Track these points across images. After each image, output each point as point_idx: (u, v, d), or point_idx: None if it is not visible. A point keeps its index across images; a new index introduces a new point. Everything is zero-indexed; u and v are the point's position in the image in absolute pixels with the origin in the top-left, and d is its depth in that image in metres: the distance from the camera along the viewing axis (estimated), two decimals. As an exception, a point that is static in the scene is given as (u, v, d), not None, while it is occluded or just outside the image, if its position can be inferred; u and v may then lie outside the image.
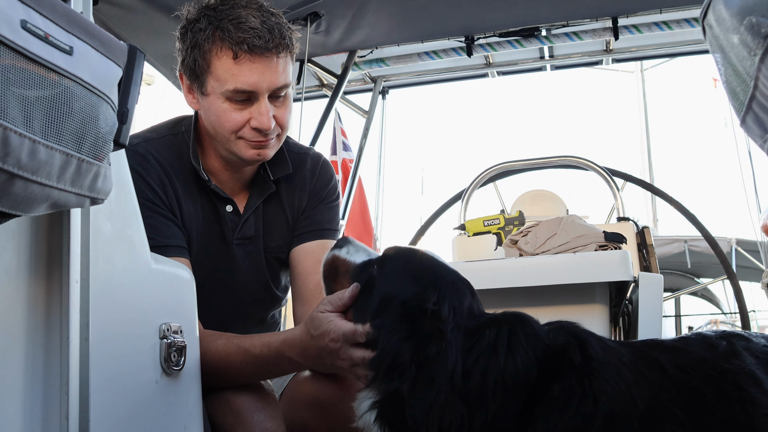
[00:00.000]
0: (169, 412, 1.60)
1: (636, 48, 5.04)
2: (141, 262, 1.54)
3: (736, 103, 0.91)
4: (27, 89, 0.95)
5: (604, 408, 1.30)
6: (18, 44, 0.94)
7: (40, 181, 0.99)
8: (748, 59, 0.80)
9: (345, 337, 1.54)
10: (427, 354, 1.36)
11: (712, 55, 0.95)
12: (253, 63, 1.91)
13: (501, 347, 1.36)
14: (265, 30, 1.90)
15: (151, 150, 2.03)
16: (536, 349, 1.38)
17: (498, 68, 5.22)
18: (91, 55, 1.09)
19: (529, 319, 1.46)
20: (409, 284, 1.50)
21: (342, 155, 5.49)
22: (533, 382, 1.34)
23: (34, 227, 1.22)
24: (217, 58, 1.93)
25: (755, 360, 1.39)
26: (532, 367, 1.35)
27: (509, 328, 1.40)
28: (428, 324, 1.40)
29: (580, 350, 1.38)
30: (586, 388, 1.32)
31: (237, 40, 1.89)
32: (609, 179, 3.86)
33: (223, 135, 2.00)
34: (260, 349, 1.80)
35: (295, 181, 2.25)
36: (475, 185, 4.01)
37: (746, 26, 0.78)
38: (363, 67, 5.00)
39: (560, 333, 1.44)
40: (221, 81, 1.93)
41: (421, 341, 1.38)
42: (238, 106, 1.95)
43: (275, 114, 1.99)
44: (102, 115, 1.10)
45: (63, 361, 1.23)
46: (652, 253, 3.27)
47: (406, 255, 1.61)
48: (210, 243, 2.12)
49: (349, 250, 1.70)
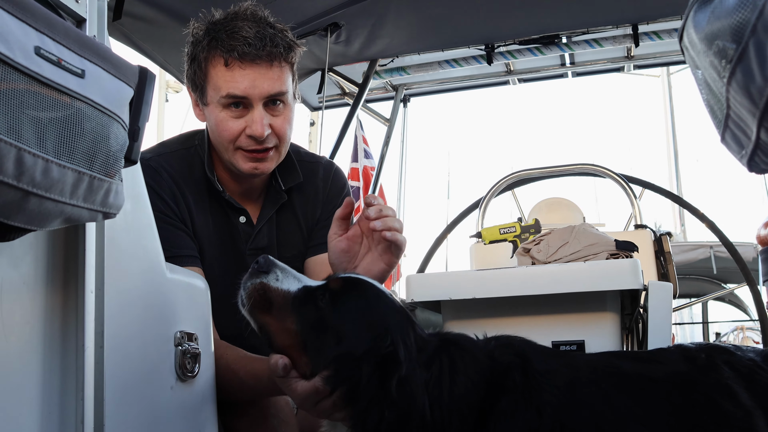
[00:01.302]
0: (184, 418, 1.64)
1: (659, 54, 5.03)
2: (156, 271, 1.59)
3: (715, 121, 0.94)
4: (40, 112, 1.01)
5: (549, 417, 1.35)
6: (32, 70, 0.99)
7: (53, 197, 1.04)
8: (719, 81, 0.83)
9: (308, 400, 1.46)
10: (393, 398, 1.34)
11: (692, 74, 0.98)
12: (244, 70, 1.97)
13: (444, 378, 1.39)
14: (258, 38, 1.97)
15: (163, 164, 2.09)
16: (479, 371, 1.41)
17: (519, 75, 5.24)
18: (103, 77, 1.15)
19: (465, 342, 1.49)
20: (364, 330, 1.44)
21: (363, 163, 5.54)
22: (482, 398, 1.38)
23: (51, 240, 1.27)
24: (212, 67, 2.00)
25: (735, 374, 1.42)
26: (477, 387, 1.39)
27: (449, 359, 1.42)
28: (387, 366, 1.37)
29: (522, 369, 1.42)
30: (529, 401, 1.37)
31: (228, 47, 1.96)
32: (626, 186, 3.86)
33: (223, 145, 2.06)
34: (252, 381, 1.80)
35: (308, 190, 2.28)
36: (492, 193, 4.03)
37: (714, 51, 0.81)
38: (384, 75, 5.05)
39: (505, 352, 1.47)
40: (216, 89, 2.00)
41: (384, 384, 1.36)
42: (234, 113, 2.01)
43: (272, 123, 2.03)
44: (113, 134, 1.15)
45: (78, 368, 1.28)
46: (670, 260, 3.27)
47: (355, 293, 1.52)
48: (223, 254, 2.16)
49: (279, 276, 1.54)
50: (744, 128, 0.85)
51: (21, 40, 0.99)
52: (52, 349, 1.26)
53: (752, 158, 0.87)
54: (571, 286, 2.13)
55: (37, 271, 1.24)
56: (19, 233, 1.08)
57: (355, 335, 1.42)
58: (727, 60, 0.79)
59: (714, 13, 0.81)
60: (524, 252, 2.51)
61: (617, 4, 4.07)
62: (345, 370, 1.39)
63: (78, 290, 1.30)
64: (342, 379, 1.39)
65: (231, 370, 1.84)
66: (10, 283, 1.19)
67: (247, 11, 2.03)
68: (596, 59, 5.08)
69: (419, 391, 1.36)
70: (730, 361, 1.45)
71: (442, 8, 3.98)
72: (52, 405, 1.25)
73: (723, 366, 1.44)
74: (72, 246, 1.31)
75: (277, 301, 1.50)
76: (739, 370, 1.43)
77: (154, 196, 1.94)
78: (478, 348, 1.48)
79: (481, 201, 4.07)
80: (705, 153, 25.50)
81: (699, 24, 0.85)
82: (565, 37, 4.50)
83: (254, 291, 1.52)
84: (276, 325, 1.49)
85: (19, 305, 1.20)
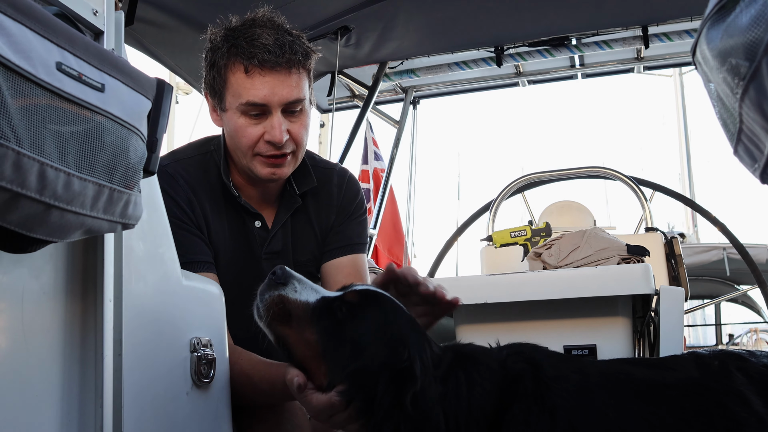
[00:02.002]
0: (199, 423, 1.66)
1: (669, 55, 5.02)
2: (172, 279, 1.61)
3: (728, 134, 0.94)
4: (62, 126, 1.03)
5: (562, 421, 1.37)
6: (53, 85, 1.01)
7: (74, 210, 1.06)
8: (731, 97, 0.84)
9: (323, 412, 1.46)
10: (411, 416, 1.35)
11: (705, 87, 0.99)
12: (264, 77, 1.99)
13: (461, 392, 1.40)
14: (277, 46, 1.98)
15: (179, 170, 2.11)
16: (493, 381, 1.43)
17: (528, 77, 5.24)
18: (122, 91, 1.17)
19: (480, 354, 1.51)
20: (379, 339, 1.44)
21: (373, 165, 5.55)
22: (495, 407, 1.40)
23: (71, 250, 1.29)
24: (232, 74, 2.02)
25: (748, 380, 1.42)
26: (491, 397, 1.40)
27: (464, 372, 1.44)
28: (403, 383, 1.38)
29: (533, 376, 1.43)
30: (542, 406, 1.39)
31: (248, 55, 1.97)
32: (636, 189, 3.86)
33: (241, 151, 2.07)
34: (267, 386, 1.81)
35: (322, 196, 2.29)
36: (502, 196, 4.04)
37: (727, 68, 0.82)
38: (394, 77, 5.07)
39: (517, 360, 1.48)
40: (236, 96, 2.02)
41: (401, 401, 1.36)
42: (253, 120, 2.03)
43: (289, 129, 2.05)
44: (132, 147, 1.17)
45: (97, 375, 1.31)
46: (681, 263, 3.27)
47: (374, 307, 1.51)
48: (238, 258, 2.17)
49: (297, 288, 1.52)
50: (757, 143, 0.86)
51: (43, 56, 1.01)
52: (71, 357, 1.28)
53: (765, 171, 0.88)
54: (583, 291, 2.14)
55: (56, 281, 1.26)
56: (40, 245, 1.10)
57: (372, 349, 1.43)
58: (740, 77, 0.80)
59: (727, 31, 0.81)
60: (535, 256, 2.52)
61: (627, 5, 4.06)
62: (361, 384, 1.39)
63: (97, 299, 1.32)
64: (357, 392, 1.39)
65: (246, 375, 1.85)
66: (30, 293, 1.21)
67: (264, 17, 2.05)
68: (606, 60, 5.07)
69: (434, 406, 1.37)
70: (743, 367, 1.46)
71: (451, 11, 3.99)
72: (71, 412, 1.27)
73: (736, 372, 1.44)
74: (91, 256, 1.34)
75: (296, 313, 1.49)
76: (753, 376, 1.43)
77: (170, 202, 1.95)
78: (491, 359, 1.49)
79: (491, 204, 4.07)
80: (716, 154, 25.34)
81: (712, 41, 0.86)
82: (575, 39, 4.50)
83: (273, 303, 1.50)
84: (295, 336, 1.49)
85: (40, 314, 1.22)
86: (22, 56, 0.96)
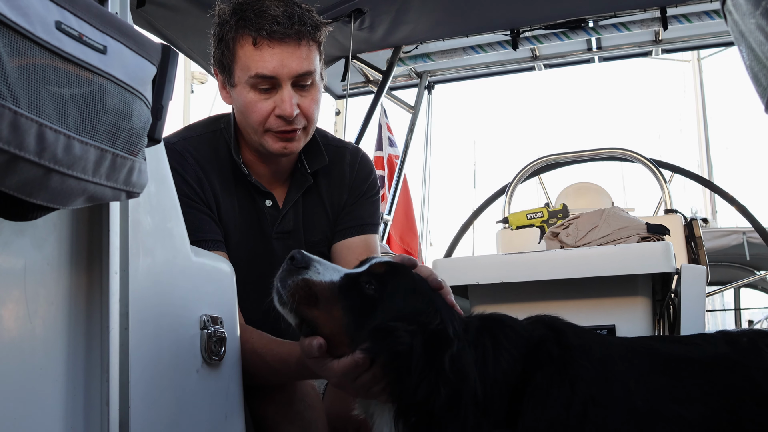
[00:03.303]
0: (210, 401, 1.64)
1: (687, 37, 4.94)
2: (181, 254, 1.58)
3: (759, 89, 0.90)
4: (62, 87, 1.00)
5: (581, 392, 1.36)
6: (52, 44, 0.98)
7: (75, 175, 1.03)
8: (765, 44, 0.79)
9: (347, 375, 1.45)
10: (446, 373, 1.36)
11: (736, 45, 0.94)
12: (273, 48, 1.96)
13: (489, 356, 1.42)
14: (286, 17, 1.95)
15: (188, 148, 2.08)
16: (518, 346, 1.44)
17: (545, 61, 5.18)
18: (125, 54, 1.13)
19: (506, 319, 1.52)
20: (410, 304, 1.46)
21: (388, 151, 5.51)
22: (519, 374, 1.41)
23: (75, 221, 1.26)
24: (240, 47, 1.99)
25: None
26: (517, 363, 1.42)
27: (492, 337, 1.45)
28: (438, 342, 1.40)
29: (556, 342, 1.44)
30: (563, 375, 1.39)
31: (257, 26, 1.95)
32: (656, 171, 3.80)
33: (252, 127, 2.04)
34: (279, 365, 1.80)
35: (334, 174, 2.27)
36: (518, 179, 3.99)
37: (761, 12, 0.77)
38: (408, 62, 5.02)
39: (538, 326, 1.50)
40: (245, 69, 1.98)
41: (435, 359, 1.37)
42: (263, 95, 2.00)
43: (299, 103, 2.01)
44: (135, 112, 1.14)
45: (103, 349, 1.28)
46: (701, 245, 3.21)
47: (399, 276, 1.52)
48: (249, 237, 2.15)
49: (319, 270, 1.51)
50: (791, 94, 0.81)
51: (42, 14, 0.97)
52: (76, 330, 1.25)
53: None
54: (602, 270, 2.10)
55: (60, 252, 1.23)
56: (42, 212, 1.07)
57: (403, 312, 1.44)
58: None
59: (760, -29, 0.77)
60: (553, 236, 2.48)
61: (645, -15, 4.01)
62: (387, 338, 1.39)
63: (102, 271, 1.30)
64: (383, 346, 1.39)
65: (257, 355, 1.83)
66: (34, 264, 1.18)
67: None
68: (624, 43, 5.00)
69: (471, 368, 1.38)
70: None
71: (466, -7, 3.95)
72: (77, 386, 1.24)
73: (766, 349, 1.41)
74: (96, 227, 1.31)
75: (323, 294, 1.47)
76: None
77: (179, 180, 1.92)
78: (516, 326, 1.50)
79: (507, 186, 4.03)
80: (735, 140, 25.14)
81: (744, -17, 0.81)
82: (592, 21, 4.44)
83: (298, 288, 1.47)
84: (323, 317, 1.46)
85: (43, 286, 1.20)
86: (18, 13, 0.93)
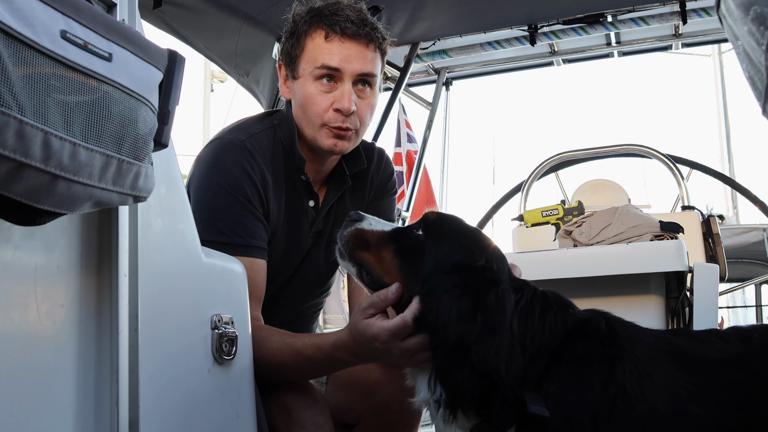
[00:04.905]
0: (221, 400, 1.66)
1: (707, 31, 4.87)
2: (191, 255, 1.60)
3: (756, 92, 0.89)
4: (67, 95, 1.01)
5: (618, 377, 1.38)
6: (58, 53, 1.00)
7: (82, 181, 1.05)
8: (757, 49, 0.79)
9: (393, 335, 1.56)
10: (487, 303, 1.44)
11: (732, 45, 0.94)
12: (343, 43, 2.05)
13: (536, 307, 1.48)
14: (360, 20, 2.07)
15: (256, 146, 2.12)
16: (566, 315, 1.50)
17: (563, 56, 5.13)
18: (131, 61, 1.15)
19: (554, 293, 1.58)
20: (457, 247, 1.56)
21: (406, 147, 5.51)
22: (558, 343, 1.45)
23: (84, 224, 1.29)
24: (311, 39, 2.08)
25: None
26: (559, 327, 1.46)
27: (543, 293, 1.53)
28: (482, 278, 1.48)
29: (606, 320, 1.49)
30: (606, 351, 1.42)
31: (331, 22, 2.05)
32: (673, 167, 3.77)
33: (310, 119, 2.10)
34: (312, 351, 1.85)
35: (366, 176, 2.36)
36: (534, 176, 3.97)
37: (752, 17, 0.77)
38: (426, 58, 5.00)
39: (587, 311, 1.55)
40: (311, 60, 2.07)
41: (478, 293, 1.45)
42: (325, 88, 2.07)
43: (356, 103, 2.08)
44: (141, 118, 1.16)
45: (113, 349, 1.30)
46: (719, 242, 3.18)
47: (449, 220, 1.66)
48: (289, 236, 2.21)
49: (371, 223, 1.71)
50: (785, 98, 0.81)
51: (47, 24, 0.99)
52: (86, 332, 1.28)
53: (793, 130, 0.83)
54: (614, 269, 2.09)
55: (70, 256, 1.26)
56: (50, 217, 1.09)
57: (450, 249, 1.56)
58: (765, 26, 0.75)
59: (749, -22, 0.77)
60: (566, 234, 2.47)
61: (663, -20, 3.96)
62: (437, 278, 1.52)
63: (112, 274, 1.32)
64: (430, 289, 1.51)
65: (287, 344, 1.88)
66: (44, 267, 1.20)
67: (348, 1, 2.13)
68: (643, 38, 4.94)
69: (509, 302, 1.45)
70: None
71: (483, -11, 3.93)
72: (87, 386, 1.27)
73: None
74: (105, 230, 1.33)
75: (374, 239, 1.66)
76: None
77: (246, 182, 2.02)
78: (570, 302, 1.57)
79: (523, 184, 4.01)
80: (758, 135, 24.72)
81: (735, -10, 0.81)
82: (610, 16, 4.39)
83: (351, 237, 1.68)
84: (375, 259, 1.64)
85: (54, 288, 1.22)
86: (24, 24, 0.95)
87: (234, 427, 1.69)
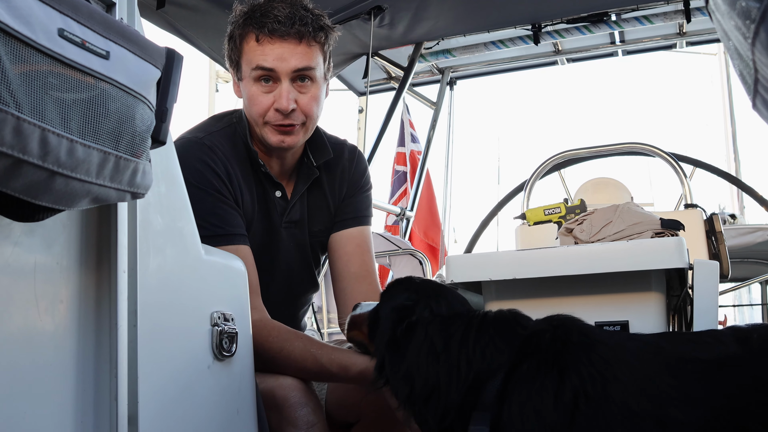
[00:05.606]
0: (221, 396, 1.67)
1: (712, 30, 4.87)
2: (191, 252, 1.61)
3: (746, 87, 0.90)
4: (64, 93, 1.02)
5: (572, 384, 1.36)
6: (55, 51, 1.01)
7: (79, 177, 1.06)
8: (744, 43, 0.80)
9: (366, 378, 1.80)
10: (396, 336, 1.63)
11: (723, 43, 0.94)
12: (273, 44, 2.09)
13: (471, 333, 1.56)
14: (288, 18, 2.09)
15: (215, 142, 2.18)
16: (510, 335, 1.53)
17: (567, 55, 5.15)
18: (128, 59, 1.16)
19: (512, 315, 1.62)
20: (396, 298, 1.76)
21: (410, 147, 5.52)
22: (508, 362, 1.47)
23: (83, 221, 1.30)
24: (246, 43, 2.14)
25: None
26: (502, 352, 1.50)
27: (489, 317, 1.61)
28: (398, 317, 1.67)
29: (551, 334, 1.49)
30: (551, 364, 1.41)
31: (260, 24, 2.09)
32: (675, 165, 3.75)
33: (254, 119, 2.18)
34: (337, 370, 1.94)
35: (335, 169, 2.41)
36: (537, 174, 3.96)
37: (738, 11, 0.77)
38: (429, 58, 5.02)
39: (543, 323, 1.56)
40: (248, 63, 2.13)
41: (396, 326, 1.65)
42: (264, 88, 2.13)
43: (298, 99, 2.14)
44: (138, 115, 1.16)
45: (112, 346, 1.31)
46: (722, 240, 3.16)
47: (395, 284, 1.85)
48: (261, 227, 2.27)
49: (362, 307, 1.95)
50: (774, 92, 0.81)
51: (44, 22, 1.00)
52: (86, 329, 1.29)
53: (784, 124, 0.84)
54: (614, 266, 2.08)
55: (70, 252, 1.27)
56: (49, 213, 1.10)
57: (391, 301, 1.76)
58: (751, 20, 0.75)
59: (735, -29, 0.77)
60: (567, 232, 2.47)
61: (667, -23, 3.96)
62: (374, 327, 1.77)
63: (111, 270, 1.33)
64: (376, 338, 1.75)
65: (311, 354, 1.97)
66: (43, 264, 1.21)
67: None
68: (647, 36, 4.95)
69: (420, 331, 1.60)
70: None
71: (486, -13, 3.94)
72: (86, 382, 1.28)
73: None
74: (104, 227, 1.34)
75: (360, 321, 1.91)
76: None
77: (210, 174, 2.09)
78: (523, 319, 1.61)
79: (526, 182, 4.01)
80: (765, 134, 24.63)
81: (721, -17, 0.81)
82: (614, 15, 4.41)
83: (349, 323, 1.95)
84: (362, 335, 1.89)
85: (53, 285, 1.23)
86: (21, 21, 0.96)
87: (234, 424, 1.70)
